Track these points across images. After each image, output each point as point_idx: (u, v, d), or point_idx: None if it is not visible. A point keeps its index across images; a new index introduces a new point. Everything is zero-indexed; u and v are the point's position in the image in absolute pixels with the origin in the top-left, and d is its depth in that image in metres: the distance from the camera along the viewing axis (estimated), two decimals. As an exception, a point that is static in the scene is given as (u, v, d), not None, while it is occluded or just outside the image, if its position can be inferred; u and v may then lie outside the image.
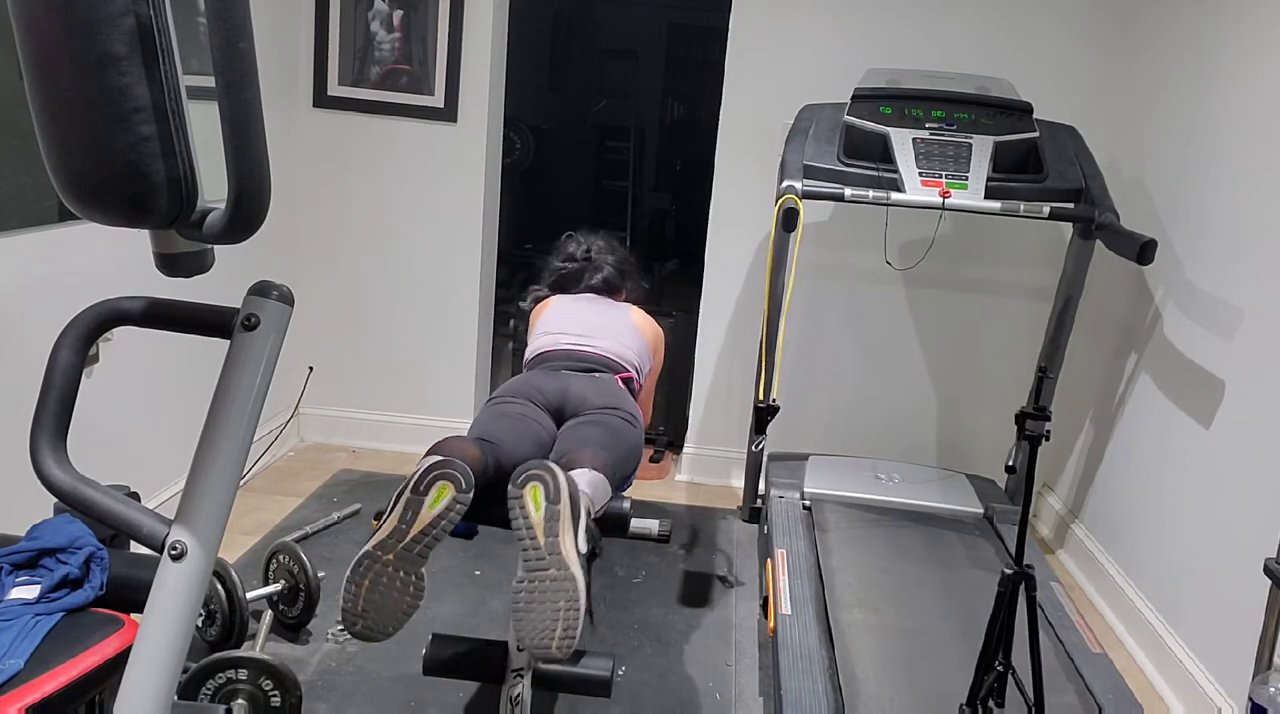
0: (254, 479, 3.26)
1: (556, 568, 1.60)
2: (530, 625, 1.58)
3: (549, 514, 1.64)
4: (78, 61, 0.84)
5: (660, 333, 2.59)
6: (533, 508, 1.64)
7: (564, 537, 1.63)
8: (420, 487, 1.64)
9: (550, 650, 1.57)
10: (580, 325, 2.44)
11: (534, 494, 1.66)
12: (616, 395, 2.23)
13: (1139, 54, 3.08)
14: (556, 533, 1.63)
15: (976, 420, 3.49)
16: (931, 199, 2.55)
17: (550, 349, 2.39)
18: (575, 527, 1.67)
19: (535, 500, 1.65)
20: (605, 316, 2.49)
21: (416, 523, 1.62)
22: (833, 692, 1.98)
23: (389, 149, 3.38)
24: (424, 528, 1.62)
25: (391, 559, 1.60)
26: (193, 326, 1.04)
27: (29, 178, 2.07)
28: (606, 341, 2.40)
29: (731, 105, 3.32)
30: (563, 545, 1.62)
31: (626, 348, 2.42)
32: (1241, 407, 2.31)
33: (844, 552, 2.66)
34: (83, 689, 1.32)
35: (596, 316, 2.48)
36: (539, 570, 1.60)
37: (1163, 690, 2.45)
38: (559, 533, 1.63)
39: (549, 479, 1.66)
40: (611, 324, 2.47)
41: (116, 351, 2.44)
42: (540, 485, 1.66)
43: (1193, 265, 2.62)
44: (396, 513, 1.63)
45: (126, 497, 1.08)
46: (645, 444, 2.51)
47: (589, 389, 2.21)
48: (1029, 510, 1.80)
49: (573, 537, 1.65)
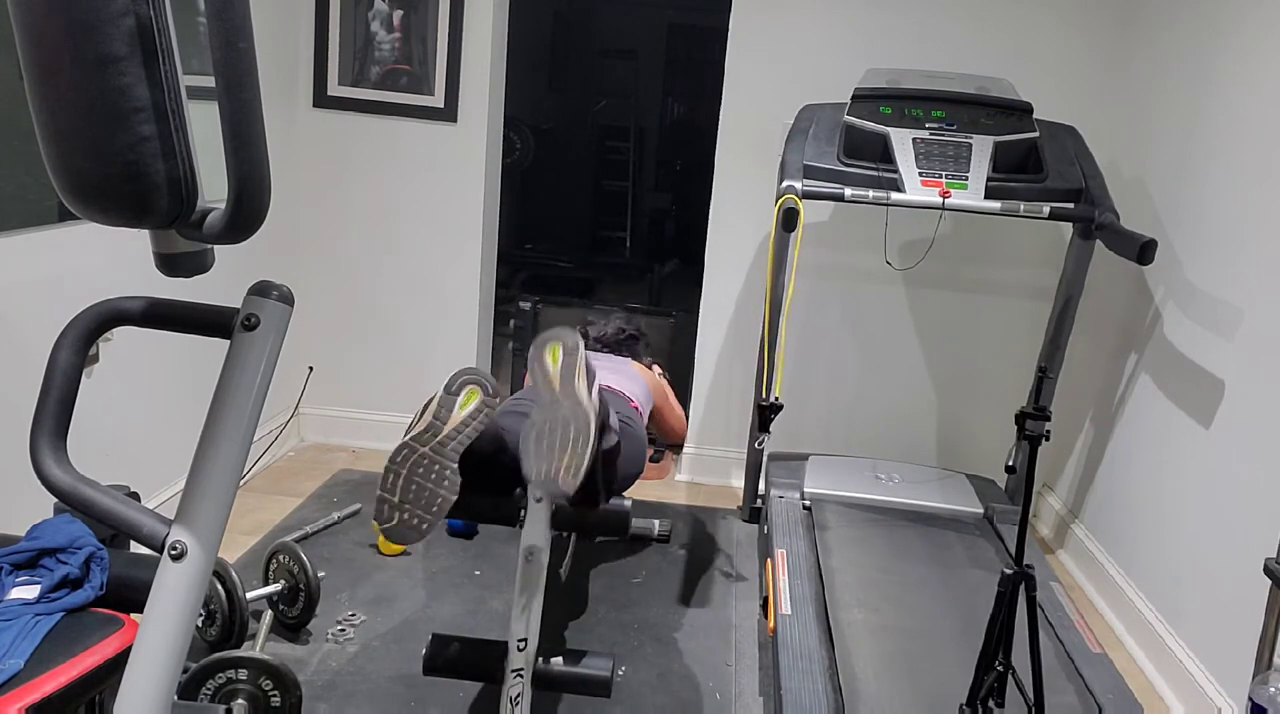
0: (254, 479, 3.26)
1: (569, 404, 1.69)
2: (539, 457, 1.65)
3: (565, 364, 1.74)
4: (78, 61, 0.84)
5: (663, 382, 2.76)
6: (550, 362, 1.74)
7: (579, 381, 1.72)
8: (452, 387, 1.72)
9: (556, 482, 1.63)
10: None
11: (553, 351, 1.76)
12: (622, 406, 2.31)
13: (1139, 54, 3.08)
14: (571, 379, 1.72)
15: (976, 420, 3.49)
16: (931, 199, 2.55)
17: None
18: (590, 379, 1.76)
19: (554, 356, 1.75)
20: (610, 366, 2.62)
21: (450, 420, 1.69)
22: (833, 692, 1.98)
23: (389, 149, 3.38)
24: (457, 425, 1.69)
25: (428, 451, 1.67)
26: (193, 326, 1.04)
27: (29, 178, 2.07)
28: (613, 378, 2.50)
29: (731, 105, 3.32)
30: (577, 387, 1.71)
31: (633, 384, 2.52)
32: (1241, 407, 2.31)
33: (844, 552, 2.66)
34: (83, 689, 1.32)
35: (604, 365, 2.59)
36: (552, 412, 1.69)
37: (1163, 690, 2.45)
38: (574, 379, 1.72)
39: (568, 340, 1.77)
40: (616, 369, 2.59)
41: (116, 352, 2.44)
42: (559, 344, 1.76)
43: (1193, 265, 2.62)
44: (431, 411, 1.71)
45: (126, 497, 1.08)
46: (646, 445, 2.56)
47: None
48: (1029, 510, 1.80)
49: (586, 383, 1.74)
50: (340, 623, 2.42)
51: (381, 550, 2.80)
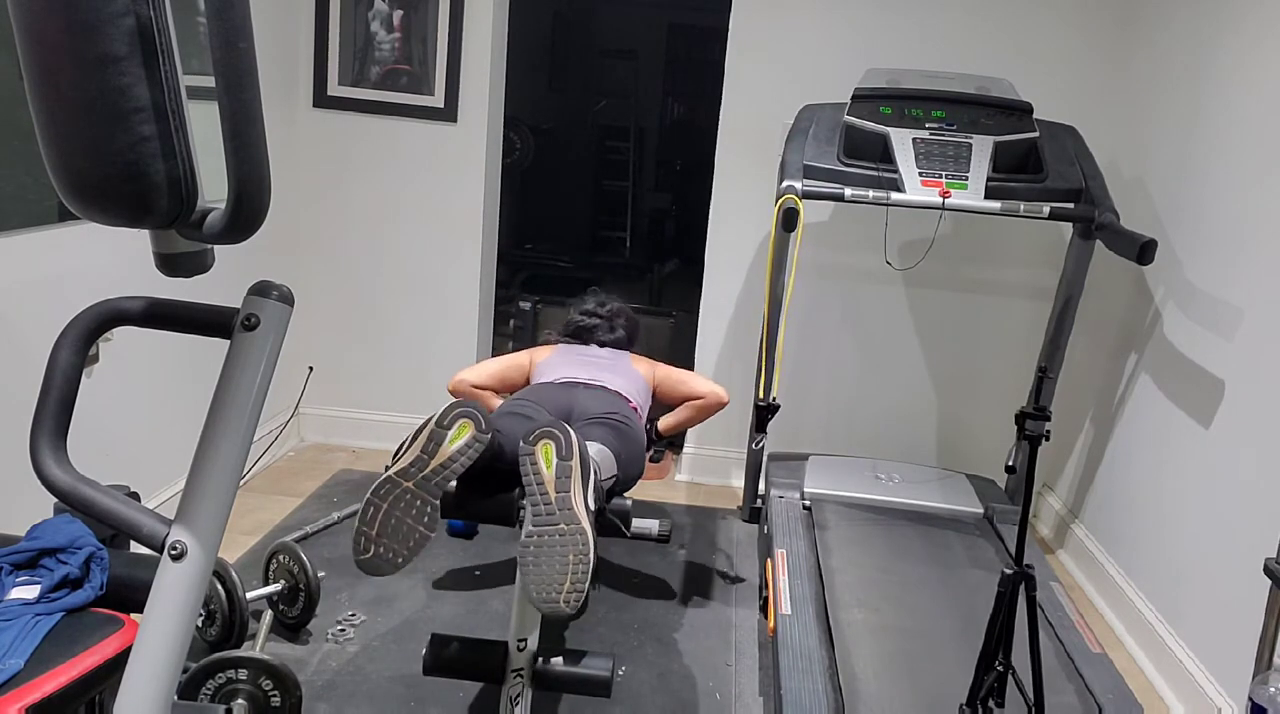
0: (254, 479, 3.26)
1: (566, 522, 1.63)
2: (538, 578, 1.60)
3: (560, 470, 1.67)
4: (78, 61, 0.84)
5: (653, 365, 2.71)
6: (544, 464, 1.68)
7: (574, 492, 1.66)
8: (444, 421, 1.69)
9: (558, 605, 1.59)
10: (586, 369, 2.52)
11: (546, 451, 1.70)
12: (621, 407, 2.31)
13: (1139, 54, 3.08)
14: (568, 488, 1.66)
15: (976, 420, 3.49)
16: (931, 199, 2.55)
17: (561, 379, 2.48)
18: (585, 484, 1.70)
19: (547, 457, 1.69)
20: (608, 361, 2.60)
21: (438, 455, 1.67)
22: (833, 692, 1.98)
23: (389, 149, 3.39)
24: (445, 460, 1.67)
25: (411, 486, 1.65)
26: (193, 326, 1.04)
27: (29, 178, 2.07)
28: (611, 378, 2.49)
29: (731, 105, 3.32)
30: (574, 500, 1.65)
31: (631, 384, 2.51)
32: (1241, 407, 2.31)
33: (844, 552, 2.66)
34: (83, 689, 1.32)
35: (601, 361, 2.59)
36: (549, 525, 1.63)
37: (1163, 690, 2.45)
38: (570, 488, 1.66)
39: (561, 437, 1.71)
40: (614, 366, 2.57)
41: (116, 352, 2.44)
42: (552, 442, 1.70)
43: (1193, 265, 2.62)
44: (419, 444, 1.68)
45: (126, 497, 1.08)
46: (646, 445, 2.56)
47: (594, 402, 2.29)
48: (1029, 510, 1.80)
49: (583, 492, 1.68)
50: (340, 623, 2.42)
51: (381, 550, 2.80)
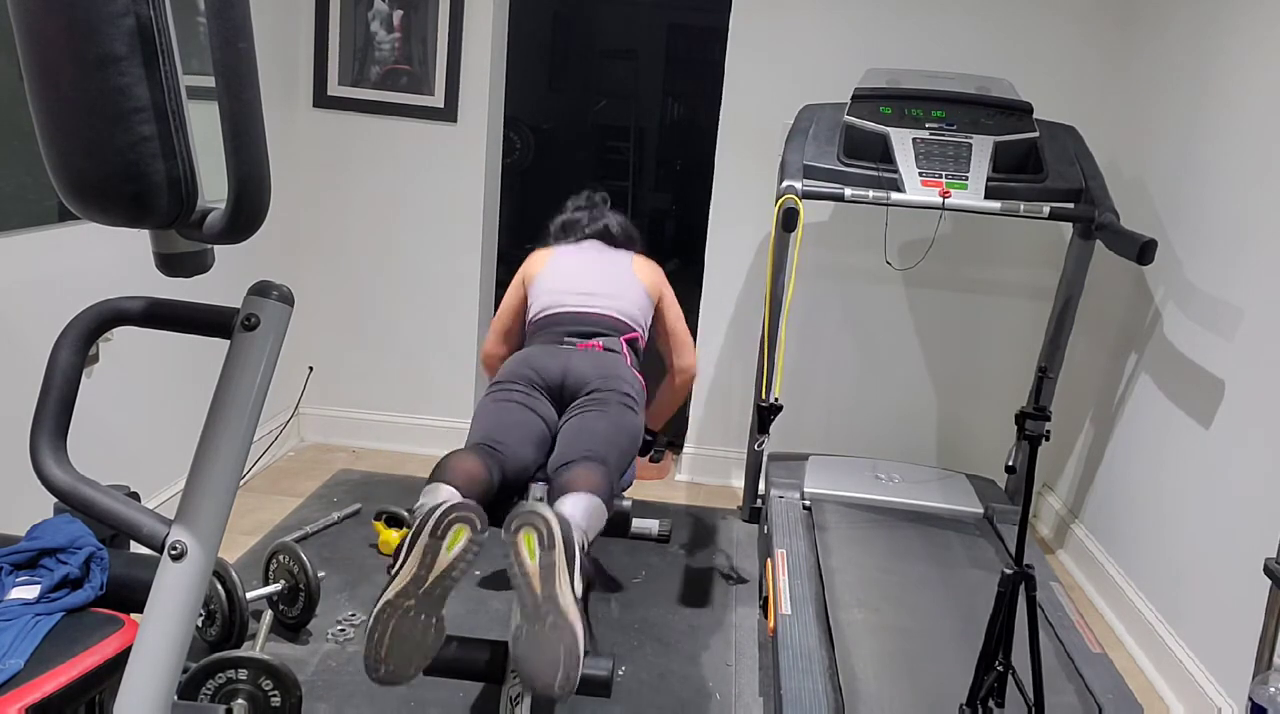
0: (254, 479, 3.26)
1: (555, 615, 1.61)
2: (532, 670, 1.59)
3: (544, 562, 1.64)
4: (78, 61, 0.84)
5: (661, 274, 2.60)
6: (527, 555, 1.64)
7: (560, 584, 1.63)
8: (438, 531, 1.63)
9: (553, 691, 1.58)
10: (582, 283, 2.43)
11: (528, 541, 1.65)
12: (616, 371, 2.24)
13: (1139, 54, 3.08)
14: (553, 581, 1.63)
15: (976, 420, 3.49)
16: (931, 199, 2.55)
17: (554, 312, 2.40)
18: (571, 571, 1.66)
19: (529, 548, 1.65)
20: (607, 272, 2.50)
21: (436, 566, 1.62)
22: (833, 692, 1.98)
23: (389, 149, 3.38)
24: (444, 570, 1.62)
25: (413, 604, 1.61)
26: (193, 326, 1.04)
27: (29, 178, 2.07)
28: (609, 301, 2.41)
29: (731, 105, 3.32)
30: (559, 594, 1.62)
31: (631, 304, 2.43)
32: (1241, 407, 2.31)
33: (844, 552, 2.66)
34: (83, 689, 1.32)
35: (599, 273, 2.49)
36: (537, 619, 1.61)
37: (1163, 690, 2.45)
38: (554, 581, 1.63)
39: (542, 527, 1.66)
40: (614, 280, 2.47)
41: (116, 352, 2.44)
42: (534, 532, 1.66)
43: (1193, 265, 2.62)
44: (415, 558, 1.63)
45: (126, 497, 1.08)
46: (645, 446, 2.53)
47: (589, 368, 2.22)
48: (1029, 510, 1.80)
49: (569, 582, 1.64)
50: (340, 623, 2.42)
51: (381, 550, 2.80)
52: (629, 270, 2.54)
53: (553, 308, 2.41)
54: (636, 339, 2.42)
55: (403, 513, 2.84)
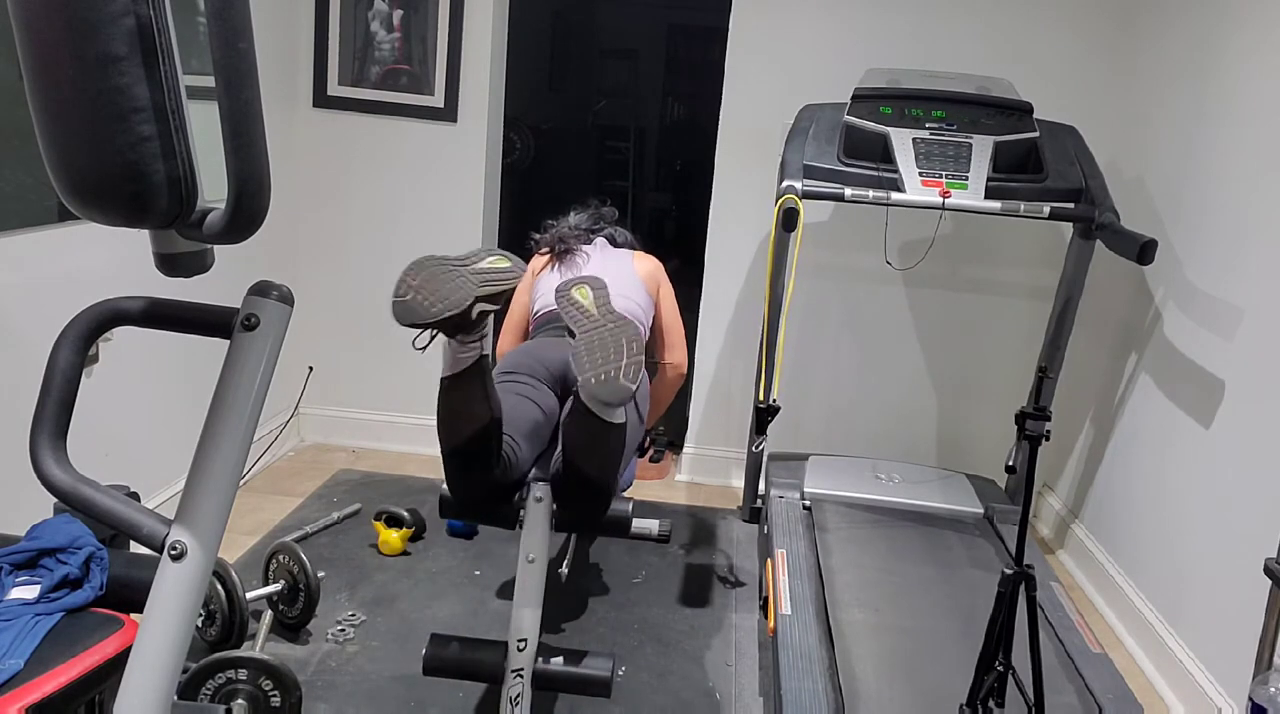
0: (254, 479, 3.26)
1: (614, 321, 1.75)
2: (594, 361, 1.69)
3: (598, 297, 1.81)
4: (78, 61, 0.84)
5: (659, 268, 2.69)
6: (581, 299, 1.82)
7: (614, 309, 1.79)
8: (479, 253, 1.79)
9: (618, 381, 1.67)
10: None
11: (581, 291, 1.84)
12: None
13: (1139, 54, 3.08)
14: (607, 303, 1.80)
15: (976, 420, 3.49)
16: (931, 199, 2.55)
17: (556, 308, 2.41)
18: None
19: (583, 294, 1.83)
20: (608, 269, 2.54)
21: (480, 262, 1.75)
22: (833, 692, 1.98)
23: (389, 149, 3.38)
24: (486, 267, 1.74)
25: (455, 265, 1.73)
26: (193, 327, 1.04)
27: (29, 178, 2.07)
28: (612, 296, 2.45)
29: (731, 105, 3.32)
30: (614, 311, 1.78)
31: (632, 302, 2.47)
32: (1241, 407, 2.31)
33: (844, 552, 2.66)
34: (83, 689, 1.32)
35: (599, 270, 2.52)
36: (597, 327, 1.75)
37: (1163, 690, 2.45)
38: (608, 303, 1.80)
39: (592, 281, 1.86)
40: (615, 276, 2.49)
41: (116, 352, 2.44)
42: (585, 285, 1.85)
43: (1193, 265, 2.62)
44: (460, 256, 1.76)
45: (126, 497, 1.08)
46: (645, 446, 2.54)
47: None
48: (1029, 510, 1.80)
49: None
50: (340, 623, 2.42)
51: (381, 550, 2.80)
52: (630, 268, 2.57)
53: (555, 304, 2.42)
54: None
55: (403, 513, 2.84)
